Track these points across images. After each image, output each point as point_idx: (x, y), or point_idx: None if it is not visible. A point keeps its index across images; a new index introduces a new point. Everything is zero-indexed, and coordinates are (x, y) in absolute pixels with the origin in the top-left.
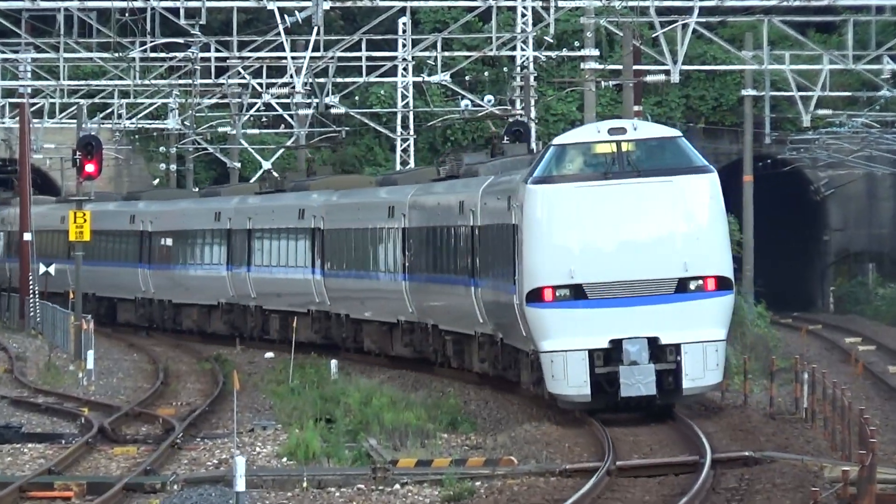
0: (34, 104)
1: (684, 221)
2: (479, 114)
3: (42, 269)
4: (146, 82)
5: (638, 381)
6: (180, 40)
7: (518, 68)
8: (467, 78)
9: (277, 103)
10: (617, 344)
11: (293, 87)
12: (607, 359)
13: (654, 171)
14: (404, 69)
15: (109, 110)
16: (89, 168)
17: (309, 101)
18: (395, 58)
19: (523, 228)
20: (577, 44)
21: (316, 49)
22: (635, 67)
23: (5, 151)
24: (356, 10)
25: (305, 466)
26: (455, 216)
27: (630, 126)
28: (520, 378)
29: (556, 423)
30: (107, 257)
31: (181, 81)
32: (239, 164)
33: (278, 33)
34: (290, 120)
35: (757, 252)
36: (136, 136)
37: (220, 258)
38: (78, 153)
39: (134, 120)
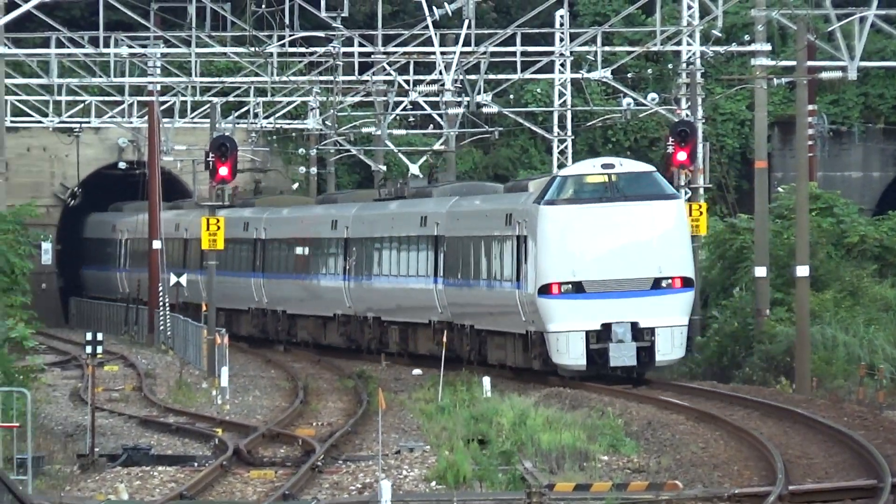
0: (164, 102)
1: (658, 234)
2: (643, 113)
3: (173, 279)
4: (284, 79)
5: (623, 354)
6: (321, 34)
7: (684, 64)
8: (629, 74)
9: (425, 102)
10: (607, 326)
11: (442, 85)
12: (599, 338)
13: (636, 196)
14: (562, 65)
15: (245, 109)
16: (223, 171)
17: (459, 99)
18: (551, 53)
19: (536, 239)
20: (746, 38)
21: (467, 43)
22: (809, 64)
23: (133, 153)
24: (510, 1)
25: (456, 491)
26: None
27: (617, 162)
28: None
29: (725, 444)
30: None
31: (322, 78)
32: (384, 167)
33: (426, 26)
34: (438, 120)
35: None
36: (274, 137)
37: (338, 268)
38: (211, 155)
39: (271, 119)
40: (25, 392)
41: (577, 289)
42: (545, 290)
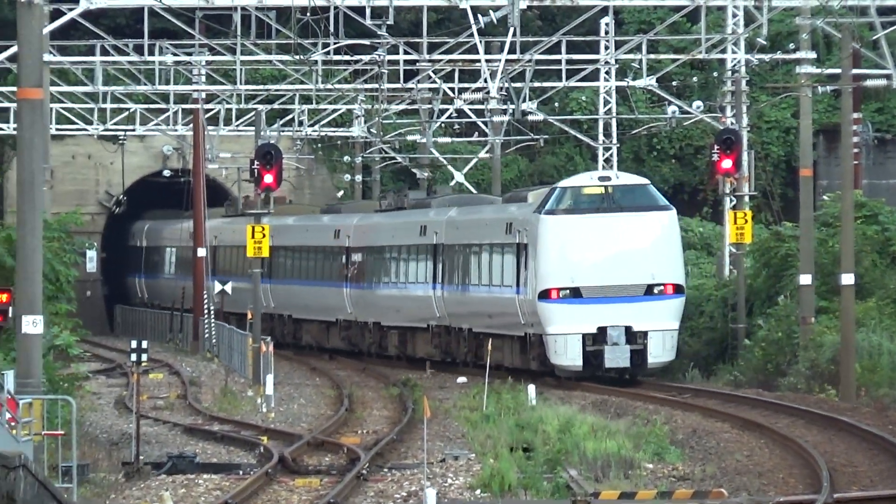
0: (209, 110)
1: (651, 244)
2: (688, 121)
3: (217, 287)
4: (329, 87)
5: (617, 356)
6: (366, 42)
7: (729, 72)
8: (674, 82)
9: (470, 109)
10: (602, 330)
11: (487, 92)
12: (595, 340)
13: (631, 207)
14: (607, 73)
15: (290, 117)
16: (268, 179)
17: (504, 106)
18: (596, 61)
19: (537, 246)
20: (791, 46)
21: (512, 51)
22: (854, 72)
23: (178, 161)
24: (555, 9)
25: (500, 499)
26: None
27: (613, 175)
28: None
29: (770, 453)
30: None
31: (367, 86)
32: (429, 175)
33: (471, 34)
34: (483, 127)
35: None
36: (319, 145)
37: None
38: (256, 163)
39: (316, 127)
40: (70, 400)
41: (575, 294)
42: (545, 295)
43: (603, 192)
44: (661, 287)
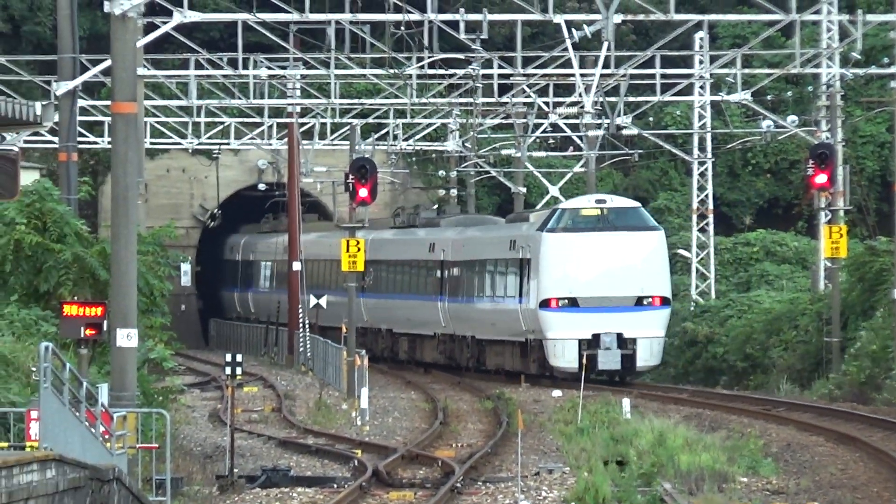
0: (303, 124)
1: (642, 260)
2: (782, 135)
3: (313, 300)
4: (424, 101)
5: (609, 360)
6: (460, 56)
7: (823, 86)
8: (769, 97)
9: (565, 124)
10: (597, 336)
11: (582, 107)
12: (590, 345)
13: (624, 227)
14: (701, 87)
15: (384, 131)
16: (363, 193)
17: (599, 121)
18: (691, 75)
19: (539, 261)
20: (886, 60)
21: (606, 66)
22: None
23: (272, 174)
24: (649, 23)
25: None
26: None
27: (609, 198)
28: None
29: (864, 466)
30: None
31: (461, 100)
32: (524, 189)
33: (566, 49)
34: (578, 141)
35: None
36: (413, 159)
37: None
38: (351, 177)
39: (411, 141)
40: (165, 413)
41: (573, 303)
42: (545, 304)
43: (598, 214)
44: (650, 299)
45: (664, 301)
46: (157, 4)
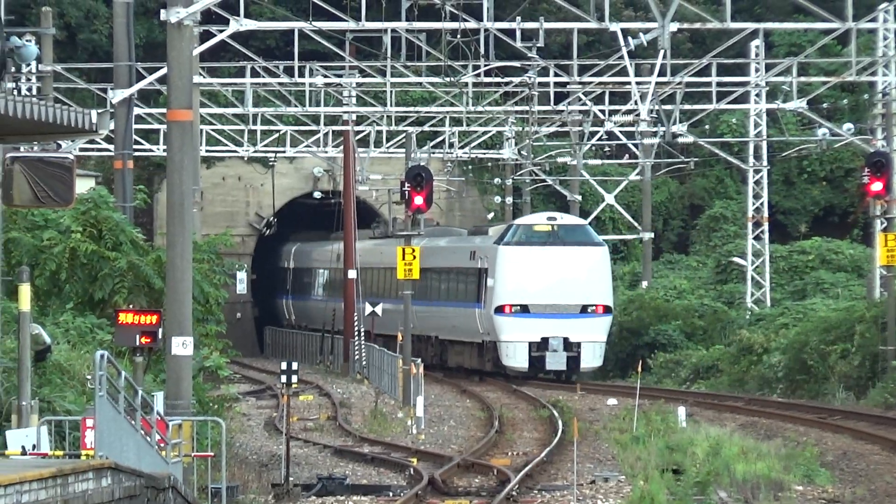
0: (359, 132)
1: (587, 272)
2: (838, 143)
3: (368, 308)
4: (480, 109)
5: (556, 361)
6: (516, 64)
7: (879, 94)
8: (825, 105)
9: (621, 132)
10: (545, 339)
11: (638, 115)
12: (539, 347)
13: (572, 242)
14: (757, 95)
15: (440, 139)
16: (418, 201)
17: (655, 129)
18: (747, 83)
19: (495, 270)
20: None
21: (662, 73)
22: None
23: (328, 182)
24: (705, 32)
25: None
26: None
27: (559, 216)
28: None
29: None
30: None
31: (517, 108)
32: (580, 197)
33: (621, 56)
34: (634, 150)
35: None
36: (469, 167)
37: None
38: (406, 185)
39: (467, 149)
40: (220, 421)
41: (524, 310)
42: (500, 310)
43: (549, 230)
44: (594, 307)
45: (606, 309)
46: (213, 13)
